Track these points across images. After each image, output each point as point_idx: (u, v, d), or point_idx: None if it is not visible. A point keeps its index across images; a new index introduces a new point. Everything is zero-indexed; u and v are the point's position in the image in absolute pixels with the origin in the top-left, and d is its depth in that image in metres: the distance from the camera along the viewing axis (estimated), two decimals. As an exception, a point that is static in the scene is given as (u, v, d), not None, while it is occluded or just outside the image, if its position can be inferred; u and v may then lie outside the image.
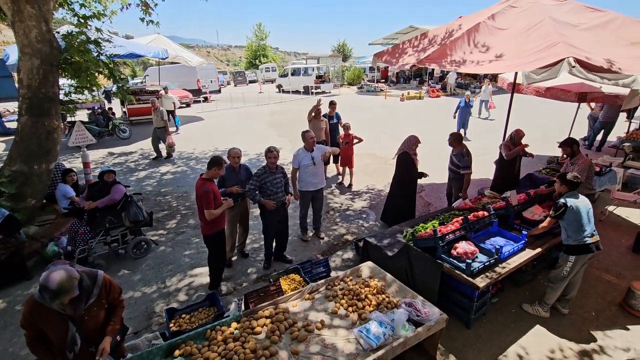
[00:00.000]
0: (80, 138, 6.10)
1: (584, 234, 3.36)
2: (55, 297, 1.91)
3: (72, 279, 1.96)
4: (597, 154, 9.17)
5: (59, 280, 1.91)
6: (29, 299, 2.03)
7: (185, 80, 21.65)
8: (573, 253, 3.41)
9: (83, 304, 2.09)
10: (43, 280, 1.91)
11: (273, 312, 2.95)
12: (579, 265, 3.44)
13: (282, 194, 4.36)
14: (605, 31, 4.25)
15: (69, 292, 1.94)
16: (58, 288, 1.90)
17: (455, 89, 23.53)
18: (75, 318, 2.08)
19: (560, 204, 3.40)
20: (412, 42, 5.88)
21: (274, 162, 4.24)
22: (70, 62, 5.34)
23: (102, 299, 2.21)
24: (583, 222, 3.35)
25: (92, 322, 2.18)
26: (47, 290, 1.90)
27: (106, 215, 4.65)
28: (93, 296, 2.13)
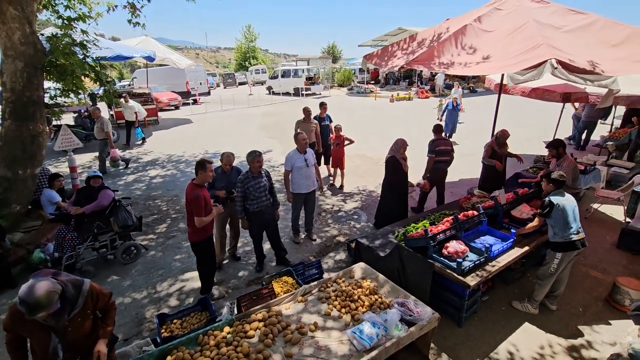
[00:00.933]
0: (66, 142, 5.97)
1: (570, 231, 3.44)
2: (31, 313, 1.84)
3: (52, 294, 1.88)
4: (582, 152, 9.40)
5: (37, 295, 1.83)
6: (12, 306, 1.97)
7: (173, 83, 21.42)
8: (560, 250, 3.49)
9: (66, 315, 2.02)
10: (22, 293, 1.84)
11: (266, 315, 2.94)
12: (566, 262, 3.51)
13: (266, 198, 4.31)
14: (587, 33, 4.37)
15: (47, 308, 1.87)
16: (35, 303, 1.83)
17: (444, 90, 23.83)
18: (57, 329, 2.02)
19: (546, 202, 3.48)
20: (401, 44, 5.94)
21: (259, 166, 4.17)
22: (55, 64, 5.23)
23: (87, 309, 2.14)
24: (569, 220, 3.44)
25: (76, 333, 2.11)
26: (24, 304, 1.83)
27: (94, 221, 4.56)
28: (77, 307, 2.06)
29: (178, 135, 13.02)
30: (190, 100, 20.63)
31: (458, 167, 8.54)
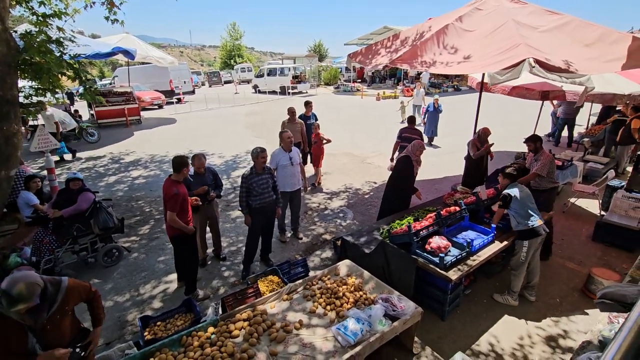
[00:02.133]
0: (43, 143, 5.78)
1: (531, 218, 3.67)
2: (12, 305, 1.84)
3: (34, 286, 1.90)
4: (567, 149, 9.64)
5: (19, 287, 1.84)
6: None
7: (157, 81, 21.01)
8: (525, 238, 3.71)
9: (45, 313, 2.00)
10: (4, 285, 1.83)
11: (251, 315, 2.94)
12: (533, 248, 3.73)
13: (269, 194, 4.31)
14: (562, 33, 4.51)
15: (28, 301, 1.87)
16: (17, 295, 1.83)
17: (429, 89, 24.16)
18: (36, 328, 1.99)
19: (504, 195, 3.78)
20: (385, 42, 6.00)
21: (264, 162, 4.21)
22: (30, 62, 5.04)
23: (65, 306, 2.13)
24: (527, 208, 3.70)
25: (56, 332, 2.09)
26: (5, 295, 1.82)
27: (73, 223, 4.44)
28: (56, 303, 2.05)
29: (161, 135, 12.79)
30: (174, 99, 20.29)
31: (442, 165, 8.73)
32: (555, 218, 5.81)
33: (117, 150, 10.73)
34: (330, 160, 9.01)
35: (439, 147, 10.37)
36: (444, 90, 24.57)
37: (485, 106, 13.40)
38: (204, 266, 4.64)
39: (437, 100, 10.59)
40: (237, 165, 8.93)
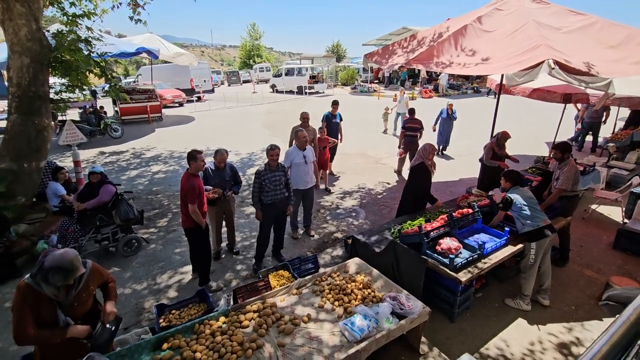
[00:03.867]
0: (71, 137, 6.08)
1: (534, 219, 3.66)
2: (68, 275, 2.04)
3: (78, 258, 2.12)
4: (591, 154, 9.31)
5: (70, 258, 2.06)
6: (20, 284, 2.08)
7: (178, 80, 21.59)
8: (532, 239, 3.68)
9: (74, 289, 2.17)
10: (53, 261, 2.01)
11: (261, 307, 3.02)
12: (541, 250, 3.68)
13: (281, 191, 4.40)
14: (585, 34, 4.39)
15: (79, 270, 2.10)
16: (71, 265, 2.04)
17: (447, 90, 23.78)
18: (65, 304, 2.15)
19: (505, 197, 3.81)
20: (402, 43, 5.98)
21: (276, 159, 4.30)
22: (60, 60, 5.34)
23: (90, 285, 2.30)
24: (532, 209, 3.71)
25: (81, 309, 2.27)
26: (60, 269, 2.01)
27: (97, 214, 4.66)
28: (82, 281, 2.22)
29: (181, 132, 13.15)
30: (194, 98, 20.76)
31: (458, 167, 8.61)
32: (575, 224, 5.65)
33: (139, 146, 11.10)
34: (344, 160, 9.04)
35: (452, 159, 9.47)
36: (463, 92, 24.11)
37: (506, 108, 13.09)
38: (218, 259, 4.78)
39: (452, 106, 9.44)
40: (252, 163, 9.10)
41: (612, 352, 0.74)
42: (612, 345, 0.75)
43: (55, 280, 2.01)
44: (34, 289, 2.04)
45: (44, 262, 2.01)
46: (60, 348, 2.19)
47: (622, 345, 0.74)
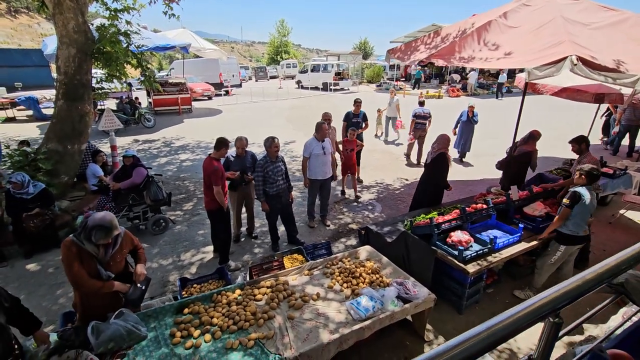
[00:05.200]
0: (109, 123, 6.57)
1: (579, 227, 3.52)
2: (109, 233, 2.36)
3: (116, 219, 2.42)
4: (627, 159, 8.84)
5: (110, 218, 2.37)
6: (66, 241, 2.39)
7: (208, 74, 22.33)
8: (565, 243, 3.58)
9: (110, 249, 2.47)
10: (95, 220, 2.33)
11: (274, 283, 3.23)
12: (567, 254, 3.61)
13: (283, 181, 4.60)
14: (616, 30, 4.26)
15: (117, 228, 2.42)
16: (110, 224, 2.36)
17: (477, 89, 23.12)
18: (102, 262, 2.45)
19: (575, 195, 3.47)
20: (425, 39, 6.00)
21: (277, 151, 4.47)
22: (102, 51, 5.78)
23: (123, 248, 2.62)
24: (585, 217, 3.51)
25: (115, 267, 2.57)
26: (101, 227, 2.32)
27: (130, 193, 5.06)
28: (117, 244, 2.53)
29: (209, 124, 13.68)
30: (222, 92, 21.42)
31: (481, 167, 8.47)
32: (601, 229, 5.50)
33: (169, 135, 11.69)
34: (364, 156, 9.09)
35: (471, 166, 8.69)
36: (493, 91, 23.35)
37: (536, 108, 12.64)
38: (238, 242, 5.06)
39: (473, 109, 8.62)
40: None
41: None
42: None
43: (98, 237, 2.31)
44: (78, 244, 2.34)
45: (87, 222, 2.31)
46: (100, 302, 2.50)
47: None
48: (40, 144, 5.84)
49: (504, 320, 0.84)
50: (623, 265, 1.00)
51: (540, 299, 0.87)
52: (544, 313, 0.86)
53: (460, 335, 0.77)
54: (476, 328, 0.80)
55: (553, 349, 1.00)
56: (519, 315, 0.85)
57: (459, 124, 8.77)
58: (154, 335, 2.62)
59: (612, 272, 0.99)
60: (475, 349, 0.75)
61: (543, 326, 0.97)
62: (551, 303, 0.87)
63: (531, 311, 0.85)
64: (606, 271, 0.98)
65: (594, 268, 0.99)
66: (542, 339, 0.98)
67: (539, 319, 0.87)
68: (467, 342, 0.75)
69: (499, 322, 0.83)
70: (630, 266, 1.04)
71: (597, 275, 0.96)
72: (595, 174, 3.51)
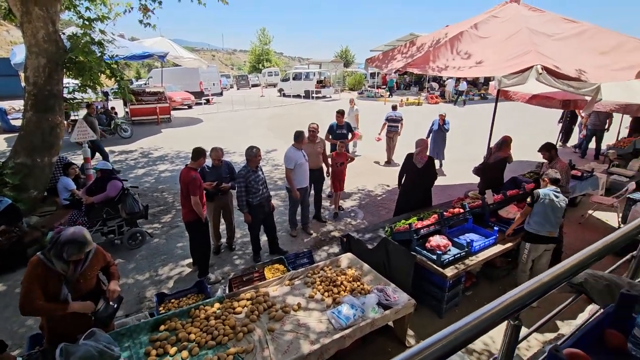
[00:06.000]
0: (82, 134, 6.36)
1: (543, 228, 3.68)
2: (82, 247, 2.27)
3: (88, 234, 2.34)
4: (594, 161, 9.30)
5: (83, 232, 2.29)
6: (33, 259, 2.28)
7: (187, 83, 22.06)
8: (528, 240, 3.78)
9: (81, 266, 2.37)
10: (68, 235, 2.23)
11: (254, 295, 3.18)
12: (533, 253, 3.77)
13: (266, 190, 4.58)
14: (577, 41, 4.51)
15: (91, 243, 2.34)
16: (84, 238, 2.28)
17: (454, 96, 23.82)
18: (71, 280, 2.33)
19: (536, 194, 3.68)
20: (401, 48, 6.16)
21: (259, 161, 4.45)
22: (74, 61, 5.63)
23: (94, 265, 2.51)
24: (546, 217, 3.66)
25: (85, 285, 2.46)
26: (74, 242, 2.23)
27: (104, 207, 4.89)
28: (88, 260, 2.43)
29: (188, 133, 13.46)
30: (202, 100, 21.19)
31: (461, 172, 8.68)
32: (571, 228, 5.73)
33: (147, 146, 11.42)
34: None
35: (444, 175, 8.56)
36: (470, 98, 24.13)
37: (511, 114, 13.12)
38: (217, 254, 4.96)
39: (444, 117, 8.63)
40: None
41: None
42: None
43: (70, 252, 2.22)
44: (45, 264, 2.23)
45: (59, 238, 2.21)
46: (67, 322, 2.38)
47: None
48: (8, 157, 5.59)
49: (468, 323, 0.87)
50: (577, 266, 1.05)
51: (500, 303, 0.90)
52: (504, 315, 0.89)
53: (429, 338, 0.79)
54: (443, 331, 0.82)
55: (515, 349, 1.03)
56: (481, 318, 0.87)
57: (431, 132, 8.74)
58: (128, 355, 2.52)
59: (568, 273, 1.03)
60: (442, 351, 0.77)
61: (505, 328, 1.00)
62: (511, 306, 0.90)
63: (493, 314, 0.88)
64: (563, 272, 1.02)
65: (552, 270, 1.03)
66: (505, 340, 1.00)
67: (500, 320, 0.90)
68: (436, 344, 0.78)
69: (463, 325, 0.86)
70: (585, 267, 1.09)
71: (555, 277, 1.00)
72: (556, 178, 3.77)
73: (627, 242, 1.28)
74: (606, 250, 1.16)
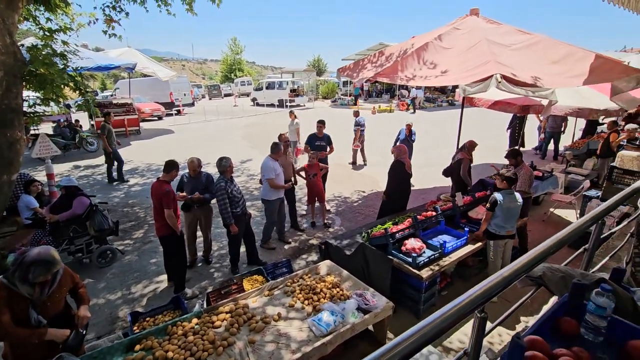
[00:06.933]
0: (44, 149, 6.05)
1: (502, 228, 3.95)
2: (50, 268, 2.15)
3: (56, 253, 2.23)
4: (553, 162, 9.94)
5: (50, 252, 2.17)
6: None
7: (157, 94, 21.49)
8: (490, 238, 4.06)
9: (47, 288, 2.23)
10: (34, 256, 2.11)
11: (233, 308, 3.14)
12: (498, 249, 4.03)
13: (244, 199, 4.57)
14: (531, 51, 4.86)
15: (59, 263, 2.22)
16: (51, 257, 2.16)
17: (424, 103, 24.71)
18: (38, 303, 2.21)
19: (493, 199, 3.94)
20: (371, 58, 6.37)
21: (231, 170, 4.46)
22: (35, 74, 5.36)
23: (63, 286, 2.39)
24: (505, 219, 3.93)
25: (53, 308, 2.33)
26: (41, 262, 2.10)
27: (70, 225, 4.66)
28: (56, 282, 2.28)
29: (159, 145, 13.09)
30: (173, 111, 20.71)
31: (432, 176, 8.99)
32: (535, 226, 6.07)
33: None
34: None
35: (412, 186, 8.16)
36: (439, 104, 25.11)
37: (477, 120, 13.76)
38: (193, 267, 4.83)
39: (410, 127, 8.38)
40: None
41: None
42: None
43: (37, 273, 2.09)
44: (9, 287, 2.10)
45: (23, 259, 2.08)
46: (31, 347, 2.24)
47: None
48: (-40, 176, 5.20)
49: (438, 317, 0.93)
50: (534, 260, 1.15)
51: (467, 297, 0.97)
52: (471, 308, 0.96)
53: (404, 333, 0.85)
54: (416, 326, 0.88)
55: (483, 340, 1.10)
56: (451, 312, 0.94)
57: (397, 142, 8.46)
58: (101, 379, 2.41)
59: (526, 267, 1.13)
60: (416, 344, 0.83)
61: (473, 321, 1.07)
62: (476, 299, 0.98)
63: (460, 307, 0.95)
64: (521, 267, 1.12)
65: (511, 265, 1.12)
66: (473, 332, 1.08)
67: (468, 313, 0.97)
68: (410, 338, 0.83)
69: (435, 319, 0.92)
70: (540, 260, 1.19)
71: (514, 272, 1.09)
72: (513, 178, 4.00)
73: (577, 235, 1.41)
74: (558, 245, 1.28)
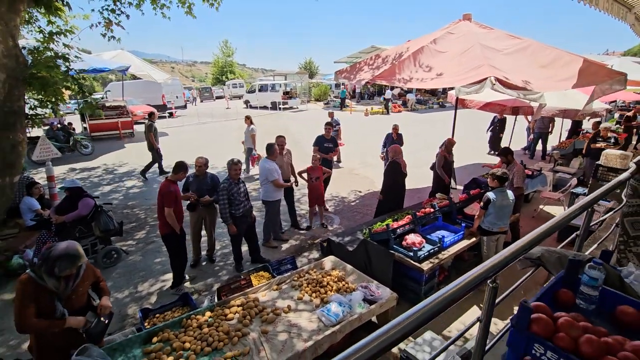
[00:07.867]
0: (45, 152, 6.07)
1: (495, 225, 4.16)
2: (75, 261, 2.24)
3: (81, 247, 2.32)
4: (541, 161, 10.29)
5: (75, 246, 2.26)
6: (22, 278, 2.22)
7: (149, 96, 21.37)
8: (483, 234, 4.26)
9: (72, 282, 2.33)
10: (60, 250, 2.20)
11: (244, 301, 3.26)
12: (491, 244, 4.23)
13: (247, 201, 4.68)
14: (522, 55, 5.11)
15: (83, 256, 2.31)
16: (76, 251, 2.26)
17: (415, 105, 25.11)
18: (63, 296, 2.30)
19: (486, 198, 4.12)
20: (368, 61, 6.57)
21: (239, 173, 4.56)
22: (37, 76, 5.40)
23: (85, 280, 2.48)
24: (497, 216, 4.13)
25: (77, 301, 2.44)
26: (67, 256, 2.20)
27: (76, 226, 4.71)
28: (79, 276, 2.38)
29: (155, 148, 13.05)
30: (166, 114, 20.63)
31: (426, 176, 9.23)
32: (526, 222, 6.31)
33: (111, 162, 10.97)
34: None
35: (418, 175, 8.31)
36: (430, 106, 25.55)
37: (469, 121, 14.13)
38: (197, 266, 4.93)
39: (397, 129, 8.10)
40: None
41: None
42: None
43: (63, 267, 2.19)
44: (36, 281, 2.20)
45: (50, 253, 2.18)
46: (56, 338, 2.34)
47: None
48: (-38, 179, 5.19)
49: (457, 285, 1.09)
50: (529, 244, 1.34)
51: (480, 269, 1.13)
52: (484, 277, 1.13)
53: (430, 297, 1.00)
54: (440, 291, 1.03)
55: (494, 307, 1.27)
56: (467, 280, 1.10)
57: (386, 146, 8.04)
58: (122, 369, 2.51)
59: (523, 248, 1.32)
60: (441, 305, 0.99)
61: (486, 291, 1.24)
62: (488, 271, 1.14)
63: (475, 277, 1.11)
64: (519, 248, 1.30)
65: (516, 243, 1.30)
66: (485, 301, 1.24)
67: (482, 282, 1.13)
68: (434, 301, 0.98)
69: (455, 286, 1.08)
70: (535, 244, 1.38)
71: (520, 247, 1.28)
72: (504, 177, 4.15)
73: (567, 222, 1.61)
74: (552, 230, 1.49)
